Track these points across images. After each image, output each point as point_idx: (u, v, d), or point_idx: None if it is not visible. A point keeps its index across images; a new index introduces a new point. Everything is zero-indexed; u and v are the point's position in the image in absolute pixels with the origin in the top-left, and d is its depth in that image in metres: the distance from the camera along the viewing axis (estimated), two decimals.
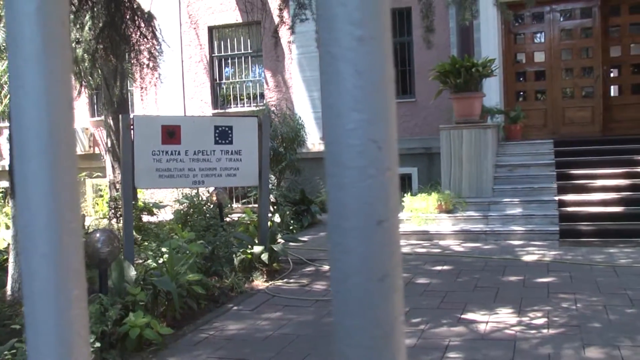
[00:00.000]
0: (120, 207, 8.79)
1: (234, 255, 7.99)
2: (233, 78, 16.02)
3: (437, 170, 12.20)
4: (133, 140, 7.16)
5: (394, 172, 0.61)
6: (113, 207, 12.00)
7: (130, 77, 12.38)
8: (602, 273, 7.43)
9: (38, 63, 0.67)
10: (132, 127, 7.15)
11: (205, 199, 10.72)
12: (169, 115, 12.96)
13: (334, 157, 0.60)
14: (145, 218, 11.93)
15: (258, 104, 15.34)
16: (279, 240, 8.66)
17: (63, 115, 0.69)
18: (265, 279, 7.86)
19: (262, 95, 15.62)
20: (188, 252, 6.99)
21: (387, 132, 0.61)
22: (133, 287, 5.85)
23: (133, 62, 11.07)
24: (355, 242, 0.60)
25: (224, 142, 7.77)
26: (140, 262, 7.44)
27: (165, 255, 6.73)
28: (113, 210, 11.98)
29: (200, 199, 10.83)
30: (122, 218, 7.76)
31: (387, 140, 0.61)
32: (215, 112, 15.53)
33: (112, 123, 12.66)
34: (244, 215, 9.78)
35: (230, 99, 16.00)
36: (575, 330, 5.41)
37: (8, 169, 9.02)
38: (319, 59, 0.62)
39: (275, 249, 8.20)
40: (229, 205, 12.24)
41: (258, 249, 8.05)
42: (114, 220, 11.69)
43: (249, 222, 9.34)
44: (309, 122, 14.37)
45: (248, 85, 15.90)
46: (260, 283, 7.72)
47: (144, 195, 13.65)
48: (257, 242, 8.28)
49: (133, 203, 8.43)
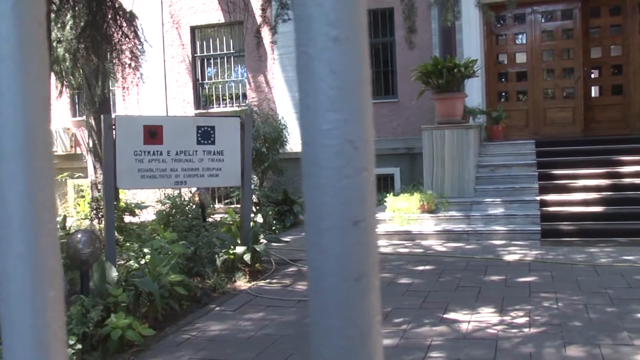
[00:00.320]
0: (102, 207, 8.75)
1: (217, 256, 7.97)
2: (215, 78, 15.98)
3: (419, 171, 12.23)
4: (115, 141, 7.12)
5: (371, 172, 0.62)
6: (95, 207, 11.91)
7: (112, 76, 12.32)
8: (583, 272, 7.48)
9: (14, 63, 0.66)
10: (113, 127, 7.12)
11: (188, 200, 10.68)
12: (151, 116, 12.91)
13: (311, 157, 0.60)
14: (127, 219, 11.85)
15: (240, 104, 15.31)
16: (262, 241, 8.65)
17: (39, 116, 0.68)
18: (248, 280, 7.85)
19: (244, 96, 15.59)
20: (170, 252, 6.96)
21: (363, 132, 0.61)
22: (115, 288, 5.81)
23: (115, 61, 11.02)
24: (332, 242, 0.60)
25: (207, 142, 7.75)
26: (122, 263, 7.41)
27: (147, 256, 6.70)
28: (95, 211, 11.90)
29: (183, 200, 10.79)
30: (103, 219, 7.72)
31: (363, 141, 0.61)
32: (198, 112, 15.48)
33: (93, 123, 12.57)
34: (227, 216, 9.75)
35: (213, 99, 15.95)
36: (557, 329, 5.44)
37: None
38: (296, 59, 0.62)
39: (258, 250, 8.19)
40: (212, 206, 12.21)
41: (240, 250, 8.03)
42: (96, 221, 11.61)
43: (232, 222, 9.31)
44: (292, 122, 14.36)
45: (230, 86, 15.86)
46: (243, 283, 7.71)
47: (126, 196, 13.56)
48: (239, 242, 8.27)
49: (115, 203, 8.38)
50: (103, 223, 8.13)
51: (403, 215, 10.37)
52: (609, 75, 13.92)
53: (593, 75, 14.10)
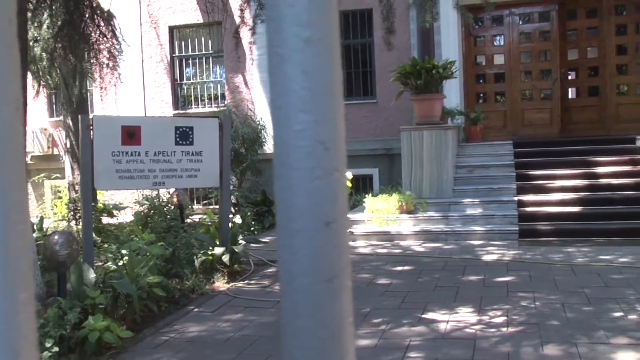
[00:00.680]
0: (80, 208, 8.68)
1: (195, 257, 7.93)
2: (194, 78, 15.91)
3: (398, 171, 12.26)
4: (92, 141, 7.07)
5: (342, 173, 0.62)
6: (72, 208, 11.83)
7: (90, 76, 12.22)
8: (560, 272, 7.53)
9: None
10: (91, 127, 7.06)
11: (166, 200, 10.63)
12: (129, 116, 12.82)
13: (282, 158, 0.60)
14: (105, 220, 11.78)
15: (219, 105, 15.25)
16: (240, 242, 8.62)
17: (11, 116, 0.68)
18: (227, 281, 7.83)
19: (223, 96, 15.54)
20: (148, 254, 6.93)
21: (334, 133, 0.61)
22: (92, 290, 5.77)
23: (92, 61, 10.94)
24: (303, 243, 0.60)
25: (185, 143, 7.72)
26: (100, 264, 7.35)
27: (125, 258, 6.65)
28: (72, 212, 11.81)
29: (161, 200, 10.74)
30: (81, 220, 7.66)
31: (334, 141, 0.61)
32: (176, 112, 15.41)
33: (71, 123, 12.49)
34: (205, 217, 9.72)
35: (191, 100, 15.88)
36: (534, 328, 5.48)
37: None
38: (267, 60, 0.62)
39: (237, 250, 8.17)
40: (190, 207, 12.15)
41: (219, 250, 8.01)
42: (73, 222, 11.53)
43: (210, 223, 9.28)
44: (270, 123, 14.18)
45: (209, 86, 15.80)
46: (221, 284, 7.68)
47: (104, 197, 13.48)
48: (218, 243, 8.24)
49: (92, 204, 8.33)
50: (80, 224, 8.06)
51: (382, 216, 10.39)
52: (586, 77, 14.06)
53: (570, 77, 14.24)
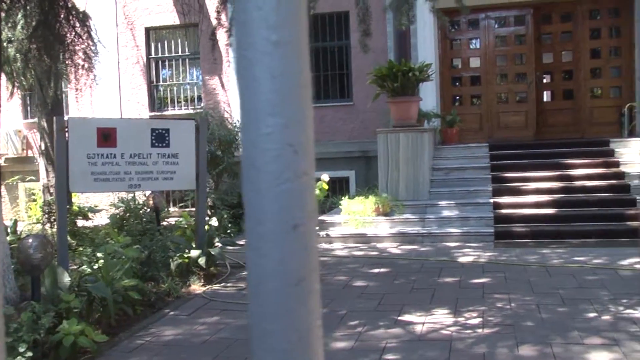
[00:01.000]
0: (54, 211, 8.60)
1: (171, 260, 7.89)
2: (170, 80, 15.84)
3: (374, 174, 12.30)
4: (67, 143, 7.01)
5: (311, 176, 0.61)
6: (47, 211, 11.71)
7: (65, 78, 12.10)
8: (535, 273, 7.60)
9: None
10: (66, 129, 7.01)
11: (142, 203, 10.57)
12: (105, 118, 12.73)
13: (251, 161, 0.60)
14: (80, 223, 11.68)
15: (195, 107, 15.20)
16: (217, 244, 8.60)
17: None
18: (203, 283, 7.79)
19: (199, 98, 15.48)
20: (124, 257, 6.88)
21: (303, 136, 0.61)
22: (67, 293, 5.72)
23: (67, 62, 10.83)
24: (271, 246, 0.60)
25: (161, 145, 7.68)
26: (75, 267, 7.30)
27: (101, 261, 6.60)
28: (47, 215, 11.70)
29: (137, 203, 10.68)
30: (56, 223, 7.59)
31: (303, 145, 0.61)
32: (152, 114, 15.32)
33: (46, 125, 12.38)
34: (181, 219, 9.68)
35: (168, 102, 15.81)
36: (510, 329, 5.52)
37: None
38: (236, 63, 0.62)
39: (213, 253, 8.14)
40: (166, 209, 12.10)
41: (195, 253, 7.97)
42: (48, 225, 11.41)
43: (186, 226, 9.25)
44: None
45: (185, 88, 15.73)
46: (198, 287, 7.65)
47: (79, 200, 13.36)
48: (194, 246, 8.20)
49: (67, 207, 8.26)
50: (55, 227, 7.99)
51: (358, 218, 10.41)
52: (560, 81, 14.21)
53: (545, 80, 14.37)
